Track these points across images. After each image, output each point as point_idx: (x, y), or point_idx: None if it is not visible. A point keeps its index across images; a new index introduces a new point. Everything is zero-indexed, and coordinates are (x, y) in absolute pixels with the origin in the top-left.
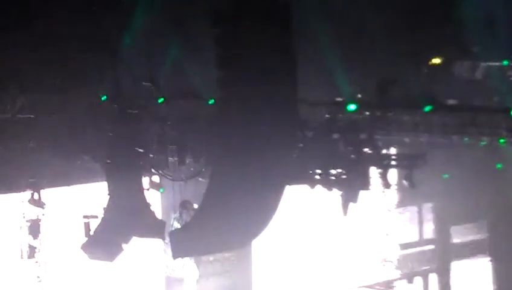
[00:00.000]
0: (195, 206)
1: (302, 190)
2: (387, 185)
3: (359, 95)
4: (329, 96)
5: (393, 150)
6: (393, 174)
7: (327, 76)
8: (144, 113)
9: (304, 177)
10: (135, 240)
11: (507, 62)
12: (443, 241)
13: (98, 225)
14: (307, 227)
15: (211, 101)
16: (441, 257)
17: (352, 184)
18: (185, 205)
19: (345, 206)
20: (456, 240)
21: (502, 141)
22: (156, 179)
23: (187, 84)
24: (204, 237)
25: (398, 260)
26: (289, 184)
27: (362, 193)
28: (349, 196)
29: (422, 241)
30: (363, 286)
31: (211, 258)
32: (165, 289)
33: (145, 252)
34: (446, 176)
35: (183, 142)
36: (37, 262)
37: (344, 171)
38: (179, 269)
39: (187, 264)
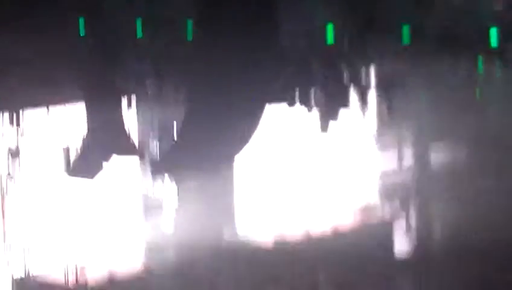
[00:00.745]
0: (175, 125)
1: (282, 108)
2: (365, 104)
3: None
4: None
5: (372, 71)
6: (372, 95)
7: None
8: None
9: (282, 95)
10: (115, 159)
11: None
12: (423, 165)
13: (77, 145)
14: (287, 147)
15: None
16: (420, 181)
17: (332, 101)
18: (163, 124)
19: (324, 122)
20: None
21: (480, 63)
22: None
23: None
24: (184, 157)
25: (377, 182)
26: (268, 103)
27: (342, 111)
28: (329, 113)
29: (401, 166)
30: (344, 207)
31: (191, 185)
32: (143, 218)
33: (123, 179)
34: (424, 97)
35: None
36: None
37: (323, 90)
38: (158, 197)
39: (166, 192)
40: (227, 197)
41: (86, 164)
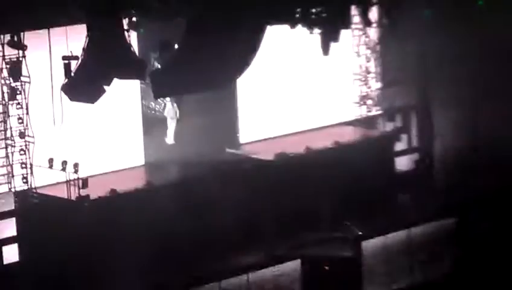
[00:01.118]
0: (175, 46)
1: (283, 29)
2: (367, 22)
3: None
4: None
5: None
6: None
7: None
8: None
9: (284, 16)
10: (116, 82)
11: None
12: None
13: (78, 66)
14: (289, 66)
15: None
16: (421, 94)
17: (333, 22)
18: (164, 45)
19: (326, 45)
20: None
21: None
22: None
23: None
24: (185, 77)
25: (378, 97)
26: (269, 24)
27: (343, 32)
28: (330, 35)
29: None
30: (344, 123)
31: (193, 97)
32: (143, 130)
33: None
34: (427, 13)
35: None
36: (18, 104)
37: (324, 9)
38: (160, 109)
39: (168, 104)
40: (229, 112)
41: (87, 88)
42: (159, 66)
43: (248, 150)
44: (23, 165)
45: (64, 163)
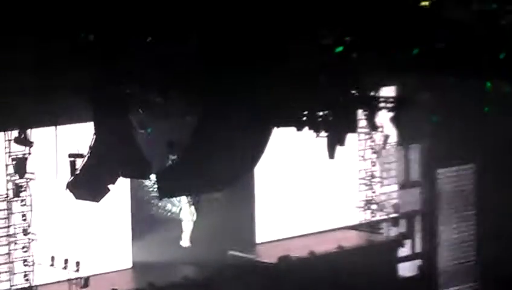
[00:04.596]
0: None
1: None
2: (374, 127)
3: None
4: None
5: (380, 92)
6: (380, 117)
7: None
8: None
9: (291, 119)
10: (121, 181)
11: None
12: (429, 184)
13: (84, 164)
14: (295, 170)
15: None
16: (427, 200)
17: (339, 126)
18: (171, 144)
19: (332, 148)
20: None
21: (488, 84)
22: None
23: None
24: (191, 177)
25: (383, 202)
26: (277, 126)
27: (349, 136)
28: (336, 138)
29: (408, 184)
30: (348, 227)
31: (209, 197)
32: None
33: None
34: (435, 118)
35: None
36: (22, 201)
37: (331, 113)
38: (176, 211)
39: (185, 206)
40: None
41: (92, 187)
42: (166, 166)
43: (253, 252)
44: (26, 263)
45: (66, 261)
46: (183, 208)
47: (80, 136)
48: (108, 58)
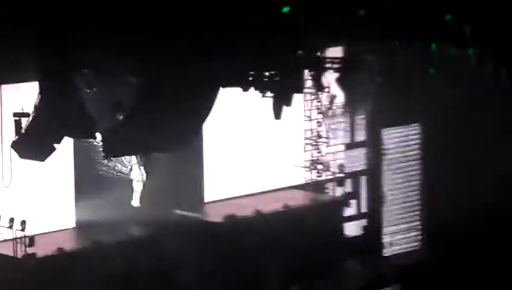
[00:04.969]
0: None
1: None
2: (320, 87)
3: None
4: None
5: (327, 53)
6: (327, 77)
7: None
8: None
9: (237, 79)
10: (66, 140)
11: None
12: (374, 144)
13: (29, 124)
14: (241, 130)
15: None
16: (372, 160)
17: (286, 86)
18: (118, 104)
19: (278, 108)
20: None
21: (433, 46)
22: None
23: None
24: (137, 137)
25: (329, 162)
26: (223, 86)
27: (295, 96)
28: (282, 99)
29: (353, 144)
30: (294, 187)
31: (158, 157)
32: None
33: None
34: (380, 79)
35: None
36: None
37: (277, 73)
38: (126, 171)
39: (135, 166)
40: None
41: (37, 146)
42: (111, 126)
43: (198, 211)
44: None
45: (11, 220)
46: (133, 169)
47: (25, 95)
48: (55, 19)
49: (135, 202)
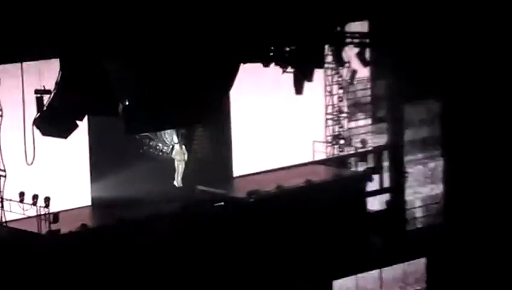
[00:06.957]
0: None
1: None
2: (341, 62)
3: None
4: None
5: (348, 28)
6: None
7: None
8: None
9: (258, 54)
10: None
11: None
12: (396, 119)
13: (51, 101)
14: (262, 105)
15: None
16: (395, 135)
17: (307, 62)
18: (138, 81)
19: (299, 84)
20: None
21: None
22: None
23: None
24: (158, 114)
25: (351, 137)
26: (243, 62)
27: (316, 71)
28: (303, 74)
29: (375, 119)
30: (316, 162)
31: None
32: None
33: None
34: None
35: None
36: None
37: (298, 49)
38: (168, 150)
39: (176, 146)
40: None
41: (59, 123)
42: (133, 103)
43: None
44: None
45: (35, 197)
46: (175, 148)
47: (47, 72)
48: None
49: (177, 182)
